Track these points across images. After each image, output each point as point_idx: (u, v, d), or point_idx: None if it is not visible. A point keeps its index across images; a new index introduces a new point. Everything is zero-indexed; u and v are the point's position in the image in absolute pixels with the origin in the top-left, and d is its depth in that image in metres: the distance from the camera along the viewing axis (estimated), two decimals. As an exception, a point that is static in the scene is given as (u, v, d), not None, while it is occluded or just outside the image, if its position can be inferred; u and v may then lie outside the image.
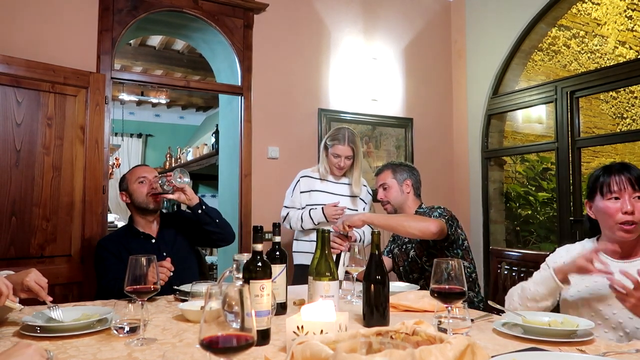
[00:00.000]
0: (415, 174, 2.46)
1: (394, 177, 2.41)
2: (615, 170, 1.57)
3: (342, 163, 2.64)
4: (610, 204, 1.55)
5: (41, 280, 1.49)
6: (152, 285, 1.34)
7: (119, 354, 1.21)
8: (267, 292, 1.29)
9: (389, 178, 2.42)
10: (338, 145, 2.62)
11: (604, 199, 1.57)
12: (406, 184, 2.41)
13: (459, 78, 4.58)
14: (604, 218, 1.59)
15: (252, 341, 0.81)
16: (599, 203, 1.59)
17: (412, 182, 2.43)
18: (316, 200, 2.68)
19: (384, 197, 2.43)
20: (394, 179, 2.41)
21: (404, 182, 2.41)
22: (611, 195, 1.55)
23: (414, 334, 0.98)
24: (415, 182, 2.44)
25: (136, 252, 1.37)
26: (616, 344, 1.28)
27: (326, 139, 2.70)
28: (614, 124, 6.02)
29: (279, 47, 3.84)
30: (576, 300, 1.61)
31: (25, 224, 2.71)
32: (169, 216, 2.45)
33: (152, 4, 3.35)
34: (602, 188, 1.58)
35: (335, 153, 2.63)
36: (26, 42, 2.94)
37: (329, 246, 1.51)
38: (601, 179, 1.59)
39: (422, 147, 4.39)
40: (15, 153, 2.70)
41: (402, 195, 2.40)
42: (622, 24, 5.70)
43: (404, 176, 2.41)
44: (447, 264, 1.28)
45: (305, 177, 2.75)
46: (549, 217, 4.95)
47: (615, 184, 1.54)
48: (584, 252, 1.54)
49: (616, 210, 1.53)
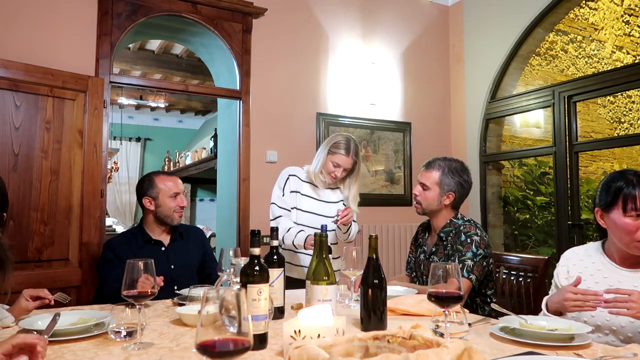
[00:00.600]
0: (465, 187, 2.13)
1: (439, 184, 2.11)
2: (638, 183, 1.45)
3: (338, 173, 2.45)
4: (631, 221, 1.45)
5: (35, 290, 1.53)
6: (150, 289, 1.34)
7: (116, 358, 1.21)
8: (264, 296, 1.29)
9: (432, 181, 2.11)
10: (342, 155, 2.42)
11: (625, 215, 1.47)
12: (447, 197, 2.10)
13: (457, 82, 4.60)
14: (621, 234, 1.49)
15: (248, 345, 0.81)
16: (617, 217, 1.49)
17: (456, 197, 2.12)
18: (301, 204, 2.51)
19: (417, 195, 2.16)
20: (438, 185, 2.11)
21: (447, 193, 2.10)
22: (630, 213, 1.45)
23: (411, 338, 0.98)
24: (458, 197, 2.13)
25: (144, 257, 1.36)
26: (613, 348, 1.28)
27: (330, 144, 2.46)
28: (612, 129, 6.04)
29: (278, 51, 3.85)
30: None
31: (23, 228, 2.70)
32: (186, 228, 2.43)
33: (151, 8, 3.36)
34: (626, 203, 1.46)
35: (335, 162, 2.43)
36: (25, 46, 2.95)
37: (326, 250, 1.51)
38: (625, 191, 1.47)
39: (420, 152, 4.39)
40: (13, 157, 2.70)
41: (437, 205, 2.12)
42: (619, 29, 5.73)
43: (450, 187, 2.10)
44: (444, 268, 1.28)
45: (294, 177, 2.55)
46: (547, 221, 4.95)
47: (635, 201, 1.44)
48: (567, 289, 1.47)
49: (637, 228, 1.44)
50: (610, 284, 1.55)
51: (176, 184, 2.33)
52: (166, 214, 2.26)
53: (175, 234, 2.34)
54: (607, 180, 1.57)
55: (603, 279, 1.57)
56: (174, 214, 2.27)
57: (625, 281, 1.53)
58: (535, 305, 2.24)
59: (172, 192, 2.28)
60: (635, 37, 5.82)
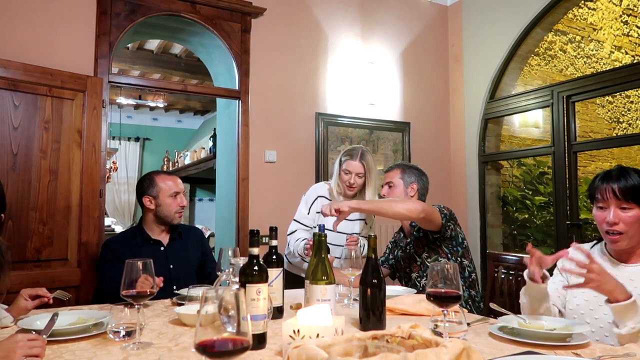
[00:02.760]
0: (424, 179, 2.46)
1: (402, 178, 2.42)
2: (608, 179, 1.55)
3: (352, 180, 2.51)
4: (598, 212, 1.57)
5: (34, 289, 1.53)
6: (148, 289, 1.34)
7: (115, 358, 1.21)
8: (263, 296, 1.29)
9: (396, 177, 2.43)
10: (350, 160, 2.51)
11: (595, 207, 1.59)
12: (412, 187, 2.41)
13: (456, 82, 4.60)
14: (597, 225, 1.60)
15: (247, 345, 0.81)
16: (594, 210, 1.60)
17: (419, 187, 2.42)
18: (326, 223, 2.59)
19: (386, 195, 2.43)
20: (401, 180, 2.42)
21: (410, 185, 2.41)
22: (598, 204, 1.57)
23: (410, 337, 0.98)
24: (421, 187, 2.44)
25: (143, 257, 1.37)
26: (611, 348, 1.28)
27: (340, 156, 2.61)
28: (610, 128, 6.04)
29: (277, 51, 3.85)
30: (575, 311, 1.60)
31: (21, 228, 2.70)
32: (185, 228, 2.44)
33: (149, 8, 3.35)
34: (593, 196, 1.59)
35: (347, 169, 2.52)
36: (24, 46, 2.94)
37: (325, 250, 1.51)
38: (594, 185, 1.59)
39: (419, 151, 4.40)
40: (12, 157, 2.69)
41: (405, 197, 2.40)
42: (617, 29, 5.73)
43: (411, 179, 2.42)
44: (443, 267, 1.28)
45: (322, 198, 2.61)
46: (545, 221, 4.96)
47: (601, 193, 1.55)
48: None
49: (602, 219, 1.55)
50: None
51: (176, 183, 2.34)
52: (166, 213, 2.27)
53: (175, 233, 2.34)
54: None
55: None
56: (174, 214, 2.28)
57: (621, 275, 1.54)
58: (534, 304, 2.25)
59: (172, 192, 2.28)
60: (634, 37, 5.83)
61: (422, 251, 2.30)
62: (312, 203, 2.60)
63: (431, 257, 2.25)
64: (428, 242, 2.28)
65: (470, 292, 2.22)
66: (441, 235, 2.24)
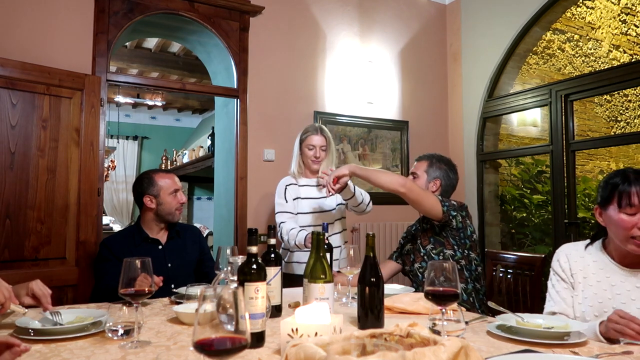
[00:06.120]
0: (452, 177, 2.35)
1: (426, 171, 2.34)
2: (633, 182, 1.47)
3: (317, 153, 2.64)
4: (626, 217, 1.47)
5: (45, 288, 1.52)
6: (147, 288, 1.34)
7: (113, 356, 1.20)
8: (261, 295, 1.29)
9: (421, 169, 2.36)
10: (312, 135, 2.65)
11: (620, 211, 1.49)
12: (434, 183, 2.33)
13: (455, 81, 4.60)
14: (617, 230, 1.51)
15: (245, 343, 0.81)
16: (613, 213, 1.50)
17: (442, 184, 2.33)
18: (302, 208, 2.65)
19: None
20: (426, 173, 2.34)
21: (434, 180, 2.33)
22: (630, 208, 1.46)
23: (408, 336, 0.98)
24: (446, 184, 2.34)
25: (141, 256, 1.36)
26: (609, 346, 1.28)
27: (300, 135, 2.73)
28: (608, 127, 6.06)
29: (275, 49, 3.85)
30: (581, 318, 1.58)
31: (19, 227, 2.69)
32: (183, 227, 2.44)
33: (147, 6, 3.34)
34: (621, 199, 1.48)
35: (310, 144, 2.65)
36: (21, 44, 2.93)
37: (323, 249, 1.51)
38: (621, 188, 1.49)
39: (417, 150, 4.38)
40: (9, 155, 2.69)
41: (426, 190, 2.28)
42: (616, 28, 5.74)
43: (436, 174, 2.33)
44: (441, 266, 1.28)
45: (291, 186, 2.70)
46: (544, 219, 4.97)
47: (631, 198, 1.46)
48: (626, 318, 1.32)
49: (632, 225, 1.46)
50: (612, 283, 1.56)
51: (174, 181, 2.35)
52: (168, 211, 2.28)
53: (173, 232, 2.34)
54: (606, 177, 1.59)
55: (605, 278, 1.58)
56: (174, 211, 2.30)
57: (627, 281, 1.54)
58: (532, 303, 2.25)
59: (172, 189, 2.30)
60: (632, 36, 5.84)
61: (427, 242, 2.25)
62: (284, 193, 2.69)
63: (436, 249, 2.21)
64: (434, 234, 2.24)
65: (475, 285, 2.19)
66: (447, 226, 2.18)
